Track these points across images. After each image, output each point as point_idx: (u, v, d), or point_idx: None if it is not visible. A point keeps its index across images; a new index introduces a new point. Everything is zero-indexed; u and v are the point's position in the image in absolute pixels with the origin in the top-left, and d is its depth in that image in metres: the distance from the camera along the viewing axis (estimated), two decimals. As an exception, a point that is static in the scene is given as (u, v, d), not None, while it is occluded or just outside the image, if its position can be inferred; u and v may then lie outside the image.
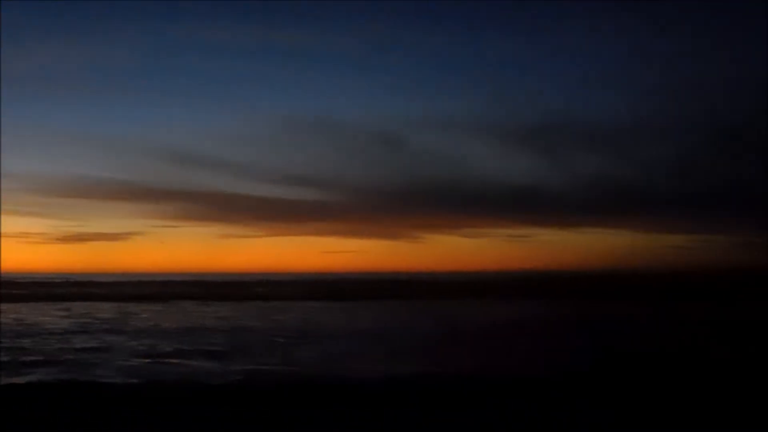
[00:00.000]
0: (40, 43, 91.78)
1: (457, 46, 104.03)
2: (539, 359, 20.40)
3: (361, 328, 30.93)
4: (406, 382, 16.45)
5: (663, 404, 13.91)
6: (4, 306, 46.20)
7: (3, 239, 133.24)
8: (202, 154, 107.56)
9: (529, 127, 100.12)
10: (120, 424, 12.35)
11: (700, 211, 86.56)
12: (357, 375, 17.52)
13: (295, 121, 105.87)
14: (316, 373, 17.94)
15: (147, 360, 20.96)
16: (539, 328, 30.76)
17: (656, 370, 18.17)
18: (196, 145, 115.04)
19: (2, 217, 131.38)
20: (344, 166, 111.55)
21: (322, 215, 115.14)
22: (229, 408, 13.73)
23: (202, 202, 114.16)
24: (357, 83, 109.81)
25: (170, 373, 18.38)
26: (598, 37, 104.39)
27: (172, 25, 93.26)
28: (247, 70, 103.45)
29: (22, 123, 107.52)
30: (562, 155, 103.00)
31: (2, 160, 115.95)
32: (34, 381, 17.20)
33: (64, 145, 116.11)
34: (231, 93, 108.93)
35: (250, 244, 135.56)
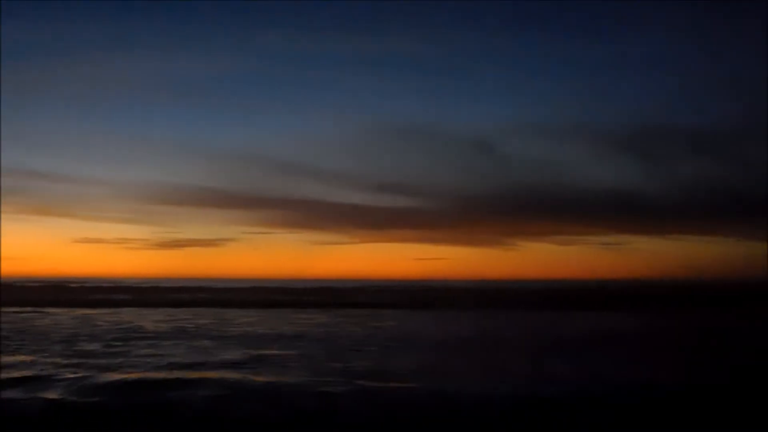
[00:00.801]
0: (139, 55, 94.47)
1: (549, 51, 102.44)
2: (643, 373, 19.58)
3: (455, 338, 30.42)
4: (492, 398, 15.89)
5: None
6: (108, 310, 47.48)
7: (105, 245, 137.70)
8: (295, 161, 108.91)
9: (625, 131, 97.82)
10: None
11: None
12: (455, 390, 17.00)
13: (387, 129, 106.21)
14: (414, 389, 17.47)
15: (237, 367, 20.91)
16: (639, 340, 29.69)
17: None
18: (289, 153, 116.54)
19: (105, 224, 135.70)
20: (437, 173, 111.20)
21: (414, 222, 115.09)
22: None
23: (295, 209, 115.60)
24: (449, 90, 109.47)
25: (259, 384, 18.10)
26: (696, 40, 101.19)
27: (268, 35, 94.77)
28: (341, 78, 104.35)
29: (123, 132, 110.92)
30: (660, 160, 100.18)
31: (102, 170, 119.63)
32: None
33: (162, 154, 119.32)
34: (324, 101, 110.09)
35: (342, 250, 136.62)
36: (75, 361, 21.95)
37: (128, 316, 42.99)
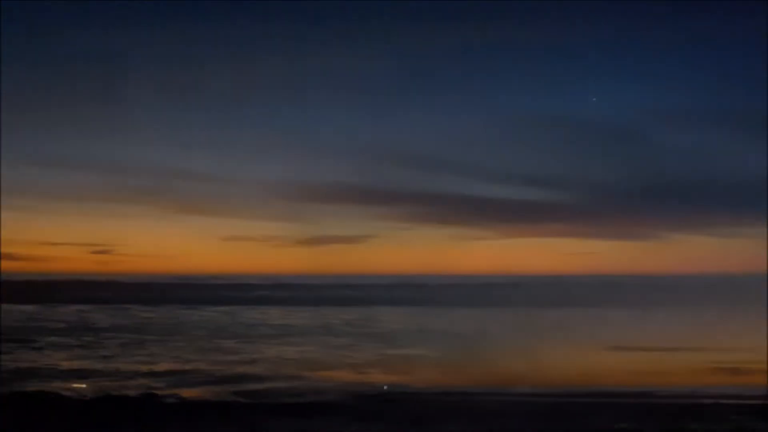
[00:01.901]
0: (282, 54, 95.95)
1: (693, 34, 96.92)
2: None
3: (611, 338, 28.44)
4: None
5: None
6: (255, 307, 47.84)
7: (252, 243, 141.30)
8: (437, 156, 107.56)
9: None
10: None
11: None
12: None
13: (530, 120, 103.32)
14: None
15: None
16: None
17: None
18: (431, 147, 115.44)
19: (251, 222, 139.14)
20: (581, 164, 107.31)
21: (561, 216, 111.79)
22: None
23: (437, 204, 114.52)
24: (592, 78, 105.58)
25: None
26: None
27: (409, 28, 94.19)
28: (483, 71, 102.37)
29: (268, 131, 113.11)
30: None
31: (248, 168, 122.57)
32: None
33: (306, 151, 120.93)
34: (465, 93, 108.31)
35: (486, 246, 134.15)
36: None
37: (275, 312, 43.08)
